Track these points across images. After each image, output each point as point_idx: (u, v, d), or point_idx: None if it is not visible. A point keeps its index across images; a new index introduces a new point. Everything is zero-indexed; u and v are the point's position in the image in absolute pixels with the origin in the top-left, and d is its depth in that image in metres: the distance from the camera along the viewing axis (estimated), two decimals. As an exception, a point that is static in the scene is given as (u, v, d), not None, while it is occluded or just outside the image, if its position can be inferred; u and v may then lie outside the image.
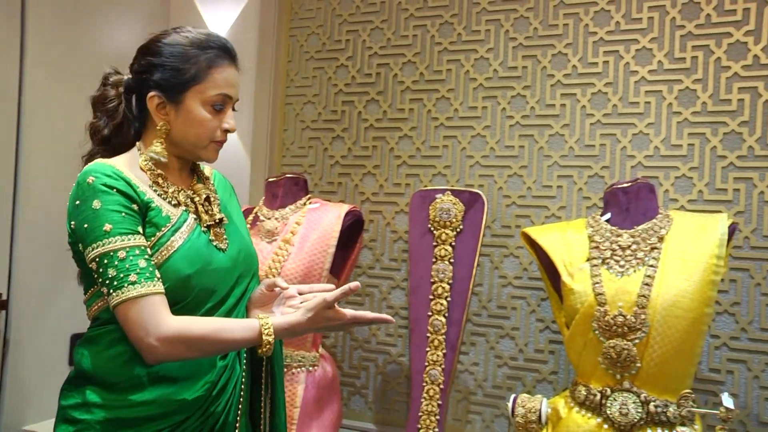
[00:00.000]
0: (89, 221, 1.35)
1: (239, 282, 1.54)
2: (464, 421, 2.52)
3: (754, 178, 2.22)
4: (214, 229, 1.51)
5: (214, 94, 1.47)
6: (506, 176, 2.51)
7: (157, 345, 1.32)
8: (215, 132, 1.49)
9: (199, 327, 1.37)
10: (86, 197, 1.36)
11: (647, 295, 1.83)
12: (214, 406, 1.46)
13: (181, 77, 1.46)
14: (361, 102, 2.73)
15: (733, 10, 2.26)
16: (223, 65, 1.48)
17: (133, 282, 1.32)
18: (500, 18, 2.54)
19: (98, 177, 1.37)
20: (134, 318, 1.32)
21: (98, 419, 1.38)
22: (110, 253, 1.33)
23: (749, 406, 2.18)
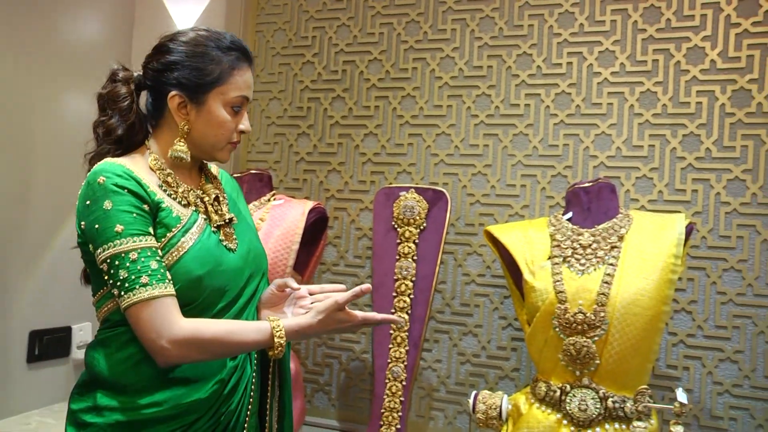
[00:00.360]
0: (100, 222, 1.33)
1: (249, 282, 1.54)
2: (427, 418, 2.53)
3: (711, 180, 2.26)
4: (223, 229, 1.51)
5: (234, 96, 1.47)
6: (470, 175, 2.52)
7: (168, 347, 1.31)
8: (232, 133, 1.49)
9: (211, 329, 1.36)
10: (97, 197, 1.34)
11: (607, 293, 1.86)
12: (225, 405, 1.46)
13: (205, 78, 1.45)
14: (326, 99, 2.72)
15: (692, 16, 2.31)
16: (244, 68, 1.49)
17: (144, 284, 1.31)
18: (466, 17, 2.56)
19: (109, 177, 1.35)
20: (146, 320, 1.31)
21: (110, 422, 1.37)
22: (122, 255, 1.31)
23: (703, 401, 2.23)
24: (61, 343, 2.58)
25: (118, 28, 2.86)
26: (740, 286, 2.22)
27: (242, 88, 1.48)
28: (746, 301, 2.21)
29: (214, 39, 1.48)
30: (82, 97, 2.64)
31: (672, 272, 1.86)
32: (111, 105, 1.49)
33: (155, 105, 1.49)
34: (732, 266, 2.23)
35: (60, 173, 2.54)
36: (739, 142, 2.24)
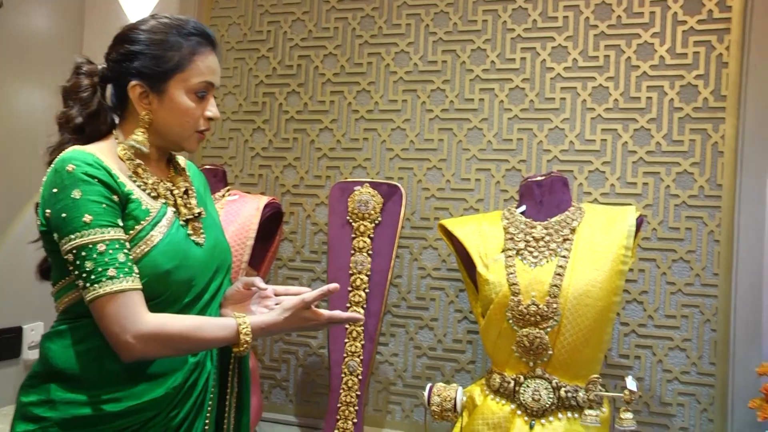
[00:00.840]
0: (68, 211, 1.29)
1: (215, 276, 1.52)
2: (384, 412, 2.54)
3: (661, 173, 2.31)
4: (192, 223, 1.48)
5: (197, 82, 1.43)
6: (425, 169, 2.54)
7: (133, 342, 1.28)
8: (199, 121, 1.45)
9: (176, 325, 1.34)
10: (65, 185, 1.30)
11: (559, 285, 1.89)
12: (184, 402, 1.44)
13: (165, 65, 1.41)
14: (282, 94, 2.71)
15: (641, 13, 2.36)
16: (206, 52, 1.45)
17: (111, 276, 1.28)
18: (420, 12, 2.57)
19: (79, 165, 1.31)
20: (111, 314, 1.28)
21: (64, 416, 1.34)
22: (89, 246, 1.28)
23: (653, 389, 2.28)
24: (12, 344, 2.53)
25: (68, 21, 2.81)
26: (688, 277, 2.27)
27: (205, 73, 1.45)
28: (694, 291, 2.26)
29: (174, 25, 1.45)
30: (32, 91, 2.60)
31: (622, 263, 1.90)
32: (72, 96, 1.45)
33: (118, 96, 1.46)
34: (681, 257, 2.28)
35: (9, 168, 2.49)
36: (687, 137, 2.29)
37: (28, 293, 2.58)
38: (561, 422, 1.88)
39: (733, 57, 2.25)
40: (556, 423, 1.88)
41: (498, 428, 1.92)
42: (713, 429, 2.21)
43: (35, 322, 2.61)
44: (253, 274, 2.28)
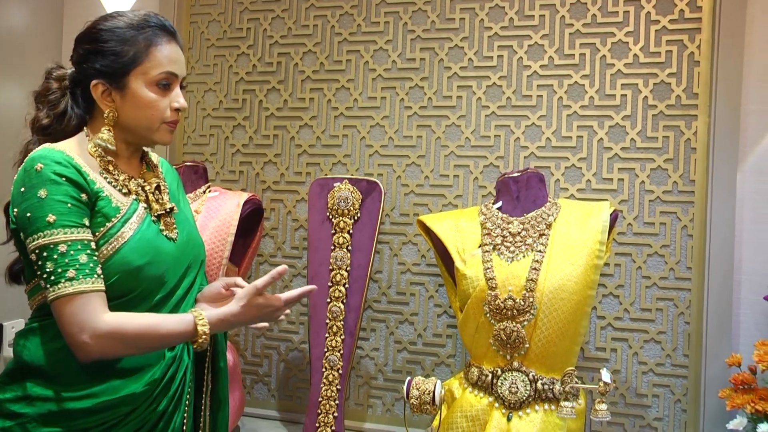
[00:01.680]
0: (33, 210, 1.29)
1: (188, 272, 1.52)
2: (366, 406, 2.56)
3: (636, 169, 2.34)
4: (164, 218, 1.48)
5: (157, 73, 1.42)
6: (404, 165, 2.56)
7: (89, 342, 1.28)
8: (165, 112, 1.44)
9: (134, 323, 1.34)
10: (33, 185, 1.31)
11: (535, 279, 1.91)
12: (162, 397, 1.44)
13: (121, 60, 1.41)
14: (262, 91, 2.72)
15: (616, 12, 2.39)
16: (162, 42, 1.44)
17: (71, 278, 1.28)
18: (399, 10, 2.58)
19: (48, 164, 1.32)
20: (69, 314, 1.28)
21: (41, 412, 1.34)
22: (51, 246, 1.28)
23: (629, 381, 2.31)
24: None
25: (47, 20, 2.80)
26: (663, 271, 2.31)
27: (164, 63, 1.44)
28: (668, 285, 2.30)
29: (129, 20, 1.44)
30: (12, 89, 2.59)
31: (597, 258, 1.92)
32: (41, 99, 1.47)
33: (84, 97, 1.46)
34: (656, 251, 2.32)
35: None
36: (661, 133, 2.32)
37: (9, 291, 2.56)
38: (538, 414, 1.90)
39: (704, 56, 2.29)
40: (533, 415, 1.91)
41: (476, 420, 1.95)
42: (686, 419, 2.25)
43: (16, 320, 2.61)
44: (233, 270, 2.29)
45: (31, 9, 2.71)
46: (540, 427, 1.88)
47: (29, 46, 2.68)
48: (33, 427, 1.33)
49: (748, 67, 2.24)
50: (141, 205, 1.44)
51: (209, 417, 1.57)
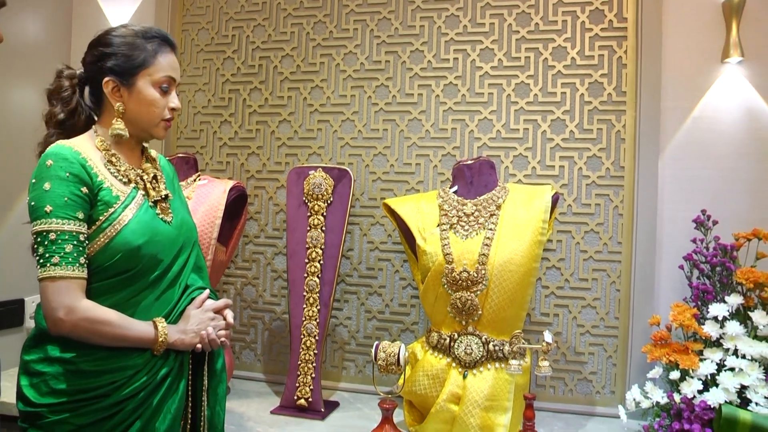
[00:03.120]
0: (36, 200, 1.36)
1: (182, 251, 1.56)
2: (340, 368, 2.58)
3: (574, 157, 2.38)
4: (160, 204, 1.54)
5: (161, 76, 1.50)
6: (372, 155, 2.57)
7: (64, 320, 1.34)
8: (164, 111, 1.52)
9: (105, 312, 1.39)
10: (41, 177, 1.37)
11: (487, 254, 1.94)
12: (161, 363, 1.48)
13: (132, 62, 1.48)
14: (245, 90, 2.71)
15: (555, 21, 2.42)
16: (166, 51, 1.53)
17: (55, 263, 1.34)
18: (366, 18, 2.59)
19: (56, 161, 1.37)
20: (49, 293, 1.34)
21: (60, 371, 1.39)
22: (44, 233, 1.35)
23: (569, 341, 2.36)
24: (15, 314, 2.54)
25: (57, 27, 2.78)
26: (598, 245, 2.35)
27: (166, 69, 1.52)
28: (602, 258, 2.34)
29: (139, 31, 1.52)
30: (24, 91, 2.58)
31: (541, 234, 1.96)
32: (55, 96, 1.52)
33: (94, 93, 1.53)
34: (592, 229, 2.36)
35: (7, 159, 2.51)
36: (595, 126, 2.36)
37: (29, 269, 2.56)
38: (490, 372, 1.94)
39: (630, 60, 2.34)
40: (485, 372, 1.95)
41: (436, 379, 1.99)
42: (616, 372, 2.31)
43: (35, 295, 2.61)
44: (222, 249, 2.30)
45: (42, 19, 2.69)
46: (491, 383, 1.92)
47: (40, 53, 2.67)
48: (54, 383, 1.38)
49: (665, 71, 2.30)
50: (139, 192, 1.50)
51: (209, 387, 1.59)
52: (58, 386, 1.38)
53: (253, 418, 2.18)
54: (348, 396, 2.47)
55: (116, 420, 1.42)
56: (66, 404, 1.38)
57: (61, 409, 1.38)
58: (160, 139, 1.56)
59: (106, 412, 1.40)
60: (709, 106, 2.26)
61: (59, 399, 1.38)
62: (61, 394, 1.38)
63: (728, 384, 1.77)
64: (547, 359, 1.85)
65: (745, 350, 1.82)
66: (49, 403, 1.38)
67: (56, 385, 1.38)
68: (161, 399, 1.47)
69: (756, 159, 2.21)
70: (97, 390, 1.39)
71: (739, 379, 1.78)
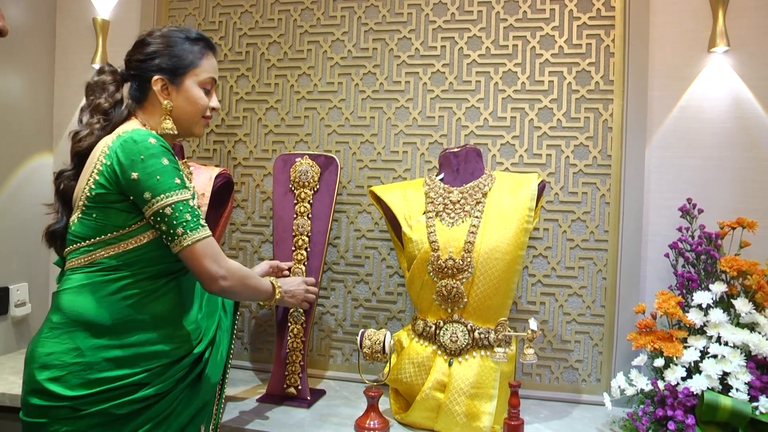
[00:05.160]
0: (161, 174, 1.39)
1: None
2: (327, 356, 2.57)
3: (561, 145, 2.37)
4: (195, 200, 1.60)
5: (205, 77, 1.61)
6: (359, 143, 2.55)
7: (227, 276, 1.46)
8: (206, 110, 1.62)
9: (246, 270, 1.58)
10: (152, 153, 1.40)
11: (472, 242, 1.93)
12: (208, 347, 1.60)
13: (182, 63, 1.57)
14: (232, 77, 2.68)
15: (543, 9, 2.40)
16: (210, 54, 1.64)
17: (203, 225, 1.44)
18: (354, 5, 2.56)
19: (158, 139, 1.44)
20: (209, 253, 1.42)
21: (95, 360, 1.38)
22: (184, 201, 1.41)
23: (555, 329, 2.36)
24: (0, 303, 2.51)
25: (41, 13, 2.74)
26: (584, 234, 2.35)
27: (210, 70, 1.63)
28: (589, 246, 2.34)
29: (184, 32, 1.61)
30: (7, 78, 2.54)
31: (527, 222, 1.95)
32: (99, 89, 1.59)
33: (140, 89, 1.60)
34: (578, 217, 2.35)
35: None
36: (582, 114, 2.35)
37: (13, 256, 2.55)
38: (475, 359, 1.94)
39: (617, 48, 2.32)
40: (471, 360, 1.94)
41: (422, 366, 1.99)
42: (602, 359, 2.31)
43: (21, 283, 2.58)
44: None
45: (25, 4, 2.64)
46: (477, 371, 1.92)
47: (24, 39, 2.63)
48: (86, 374, 1.37)
49: (652, 60, 2.29)
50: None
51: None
52: (91, 377, 1.36)
53: (240, 406, 2.17)
54: (334, 384, 2.47)
55: (153, 411, 1.43)
56: (101, 394, 1.36)
57: (97, 399, 1.36)
58: (199, 137, 1.67)
59: (145, 402, 1.41)
60: (696, 95, 2.25)
61: (93, 389, 1.36)
62: (96, 384, 1.36)
63: (711, 371, 1.77)
64: (532, 347, 1.85)
65: (728, 337, 1.82)
66: (81, 395, 1.35)
67: (89, 375, 1.36)
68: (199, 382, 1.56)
69: (741, 148, 2.21)
70: (135, 377, 1.39)
71: (721, 366, 1.78)
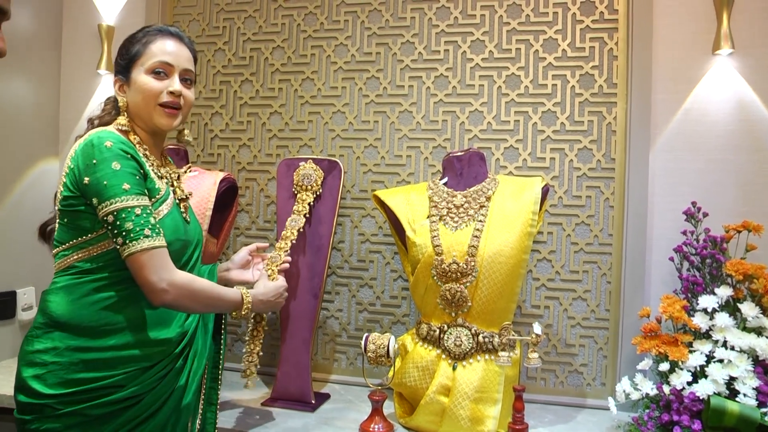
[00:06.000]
0: (108, 179, 1.35)
1: (195, 249, 1.61)
2: (332, 360, 2.57)
3: (565, 149, 2.37)
4: (182, 202, 1.58)
5: (152, 62, 1.50)
6: (363, 147, 2.55)
7: (168, 289, 1.37)
8: (159, 95, 1.49)
9: (202, 282, 1.45)
10: (105, 158, 1.36)
11: (476, 246, 1.93)
12: (185, 352, 1.52)
13: (128, 56, 1.52)
14: (236, 82, 2.69)
15: (546, 12, 2.40)
16: (159, 39, 1.53)
17: (147, 235, 1.35)
18: (357, 10, 2.57)
19: (116, 143, 1.38)
20: (149, 265, 1.35)
21: (71, 361, 1.37)
22: (128, 209, 1.35)
23: (560, 333, 2.35)
24: (7, 307, 2.53)
25: (48, 19, 2.76)
26: (588, 237, 2.34)
27: (158, 54, 1.51)
28: (593, 250, 2.33)
29: (142, 29, 1.56)
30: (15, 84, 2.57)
31: (530, 226, 1.95)
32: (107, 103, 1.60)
33: None
34: (582, 221, 2.35)
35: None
36: (586, 118, 2.35)
37: (20, 261, 2.57)
38: (479, 363, 1.93)
39: (621, 51, 2.32)
40: (475, 364, 1.93)
41: (426, 370, 1.98)
42: (607, 363, 2.30)
43: (27, 287, 2.60)
44: (212, 241, 2.28)
45: (32, 10, 2.67)
46: (481, 375, 1.91)
47: (31, 45, 2.65)
48: (63, 374, 1.37)
49: (656, 63, 2.28)
50: (171, 189, 1.54)
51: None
52: (68, 377, 1.36)
53: (244, 410, 2.16)
54: (339, 388, 2.46)
55: (131, 413, 1.42)
56: (77, 395, 1.37)
57: (72, 400, 1.36)
58: (164, 128, 1.53)
59: (122, 404, 1.40)
60: (700, 97, 2.24)
61: (69, 389, 1.36)
62: (72, 384, 1.36)
63: (717, 375, 1.76)
64: (536, 351, 1.84)
65: (734, 342, 1.81)
66: (58, 394, 1.36)
67: (66, 375, 1.36)
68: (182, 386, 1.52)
69: (746, 151, 2.20)
70: (111, 380, 1.39)
71: (728, 370, 1.77)
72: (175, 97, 1.51)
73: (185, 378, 1.52)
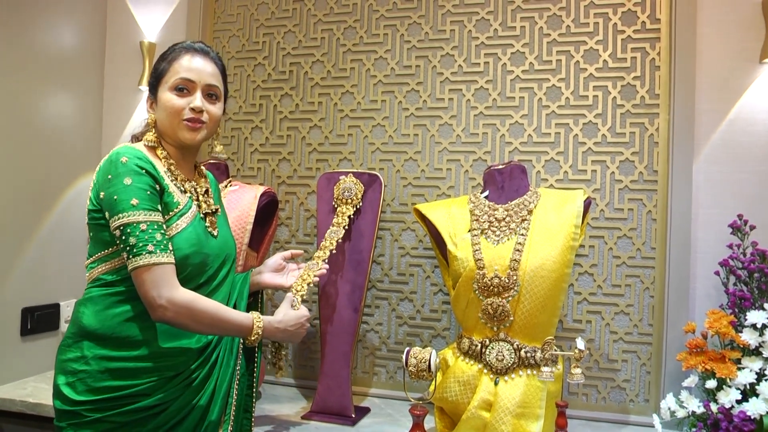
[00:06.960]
0: (119, 194, 1.40)
1: (224, 264, 1.63)
2: (371, 374, 2.59)
3: (607, 161, 2.36)
4: (209, 217, 1.60)
5: (174, 80, 1.54)
6: (403, 160, 2.58)
7: (167, 306, 1.39)
8: (182, 111, 1.53)
9: (205, 302, 1.45)
10: (119, 173, 1.41)
11: (518, 260, 1.93)
12: (205, 365, 1.55)
13: (155, 74, 1.57)
14: (276, 96, 2.74)
15: (587, 23, 2.40)
16: (183, 56, 1.57)
17: (150, 251, 1.38)
18: (396, 23, 2.60)
19: (131, 158, 1.43)
20: (149, 281, 1.38)
21: (98, 369, 1.43)
22: (133, 224, 1.38)
23: (602, 348, 2.34)
24: (51, 318, 2.61)
25: (91, 36, 2.85)
26: (631, 251, 2.33)
27: (179, 71, 1.55)
28: (636, 263, 2.32)
29: (172, 46, 1.60)
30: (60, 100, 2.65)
31: (573, 240, 1.94)
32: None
33: None
34: (624, 234, 2.34)
35: (44, 164, 2.58)
36: (628, 129, 2.34)
37: (64, 274, 2.66)
38: (521, 378, 1.93)
39: (663, 61, 2.31)
40: (517, 379, 1.93)
41: (467, 385, 1.98)
42: (650, 380, 2.29)
43: (70, 300, 2.70)
44: (252, 255, 2.32)
45: (76, 27, 2.76)
46: (523, 390, 1.90)
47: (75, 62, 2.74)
48: (90, 381, 1.42)
49: (699, 72, 2.26)
50: (194, 203, 1.56)
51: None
52: (95, 384, 1.42)
53: (284, 423, 2.20)
54: (379, 402, 2.48)
55: (159, 420, 1.46)
56: (104, 402, 1.42)
57: (99, 407, 1.42)
58: (188, 143, 1.56)
59: (148, 412, 1.44)
60: (746, 108, 2.22)
61: (97, 397, 1.42)
62: (99, 392, 1.42)
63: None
64: (579, 366, 1.83)
65: (786, 359, 1.79)
66: (86, 400, 1.42)
67: (93, 383, 1.42)
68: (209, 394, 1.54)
69: (795, 162, 2.18)
70: (135, 388, 1.43)
71: (780, 389, 1.74)
72: (197, 113, 1.55)
73: (212, 386, 1.56)
